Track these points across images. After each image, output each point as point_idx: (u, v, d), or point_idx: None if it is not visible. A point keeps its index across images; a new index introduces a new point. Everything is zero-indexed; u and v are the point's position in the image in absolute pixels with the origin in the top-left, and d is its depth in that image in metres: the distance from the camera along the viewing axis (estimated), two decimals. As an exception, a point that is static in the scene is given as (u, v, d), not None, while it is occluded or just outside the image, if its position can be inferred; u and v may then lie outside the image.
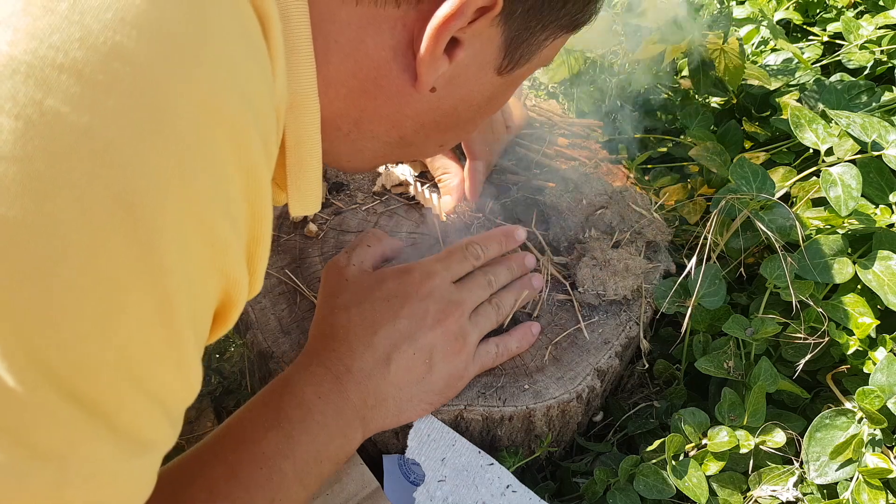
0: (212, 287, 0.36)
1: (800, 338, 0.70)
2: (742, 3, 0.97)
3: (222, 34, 0.33)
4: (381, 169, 0.85)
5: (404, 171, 0.85)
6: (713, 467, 0.65)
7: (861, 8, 1.05)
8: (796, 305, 0.69)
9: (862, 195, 0.73)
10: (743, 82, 0.89)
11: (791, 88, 0.93)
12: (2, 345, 0.29)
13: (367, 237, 0.68)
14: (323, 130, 0.45)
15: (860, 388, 0.65)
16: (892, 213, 0.74)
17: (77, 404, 0.31)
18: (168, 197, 0.31)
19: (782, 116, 0.89)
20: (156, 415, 0.35)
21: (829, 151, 0.77)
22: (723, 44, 0.87)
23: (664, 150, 0.94)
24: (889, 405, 0.64)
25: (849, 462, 0.63)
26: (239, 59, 0.34)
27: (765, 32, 0.95)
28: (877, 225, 0.73)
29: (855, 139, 0.76)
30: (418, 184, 0.83)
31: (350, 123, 0.50)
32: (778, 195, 0.77)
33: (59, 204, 0.29)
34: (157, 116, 0.31)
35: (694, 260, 0.69)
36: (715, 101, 0.98)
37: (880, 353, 0.68)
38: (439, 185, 0.81)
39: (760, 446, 0.67)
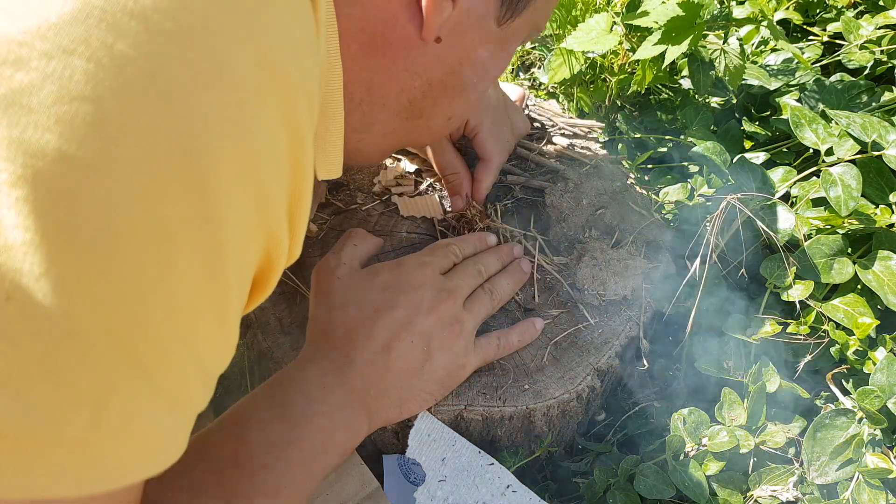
0: (256, 244, 0.36)
1: (800, 338, 0.70)
2: (742, 3, 0.97)
3: None
4: (380, 166, 0.85)
5: (406, 167, 0.85)
6: (713, 467, 0.65)
7: (861, 8, 1.05)
8: (796, 305, 0.69)
9: (862, 195, 0.73)
10: (743, 82, 0.89)
11: (791, 88, 0.93)
12: (61, 281, 0.28)
13: (352, 236, 0.68)
14: None
15: (860, 388, 0.65)
16: (893, 213, 0.74)
17: (122, 350, 0.31)
18: (224, 148, 0.32)
19: (782, 116, 0.89)
20: (193, 372, 0.34)
21: (830, 151, 0.77)
22: (723, 44, 0.87)
23: (664, 150, 0.94)
24: (889, 405, 0.64)
25: (849, 462, 0.63)
26: (290, 20, 0.35)
27: (765, 32, 0.95)
28: (877, 225, 0.73)
29: (855, 139, 0.76)
30: (411, 185, 0.83)
31: (363, 90, 0.51)
32: (778, 195, 0.77)
33: (125, 147, 0.29)
34: (218, 68, 0.32)
35: (697, 261, 0.69)
36: (715, 101, 0.98)
37: (880, 354, 0.68)
38: (445, 185, 0.81)
39: (760, 446, 0.67)
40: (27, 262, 0.28)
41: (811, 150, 0.82)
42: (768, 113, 0.95)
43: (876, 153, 0.74)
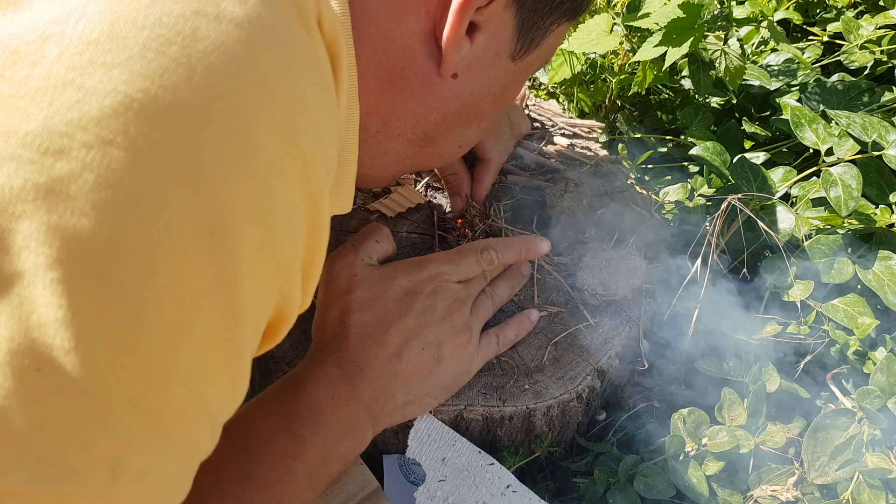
0: (271, 304, 0.38)
1: (800, 338, 0.70)
2: (742, 3, 0.97)
3: (303, 76, 0.37)
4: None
5: None
6: (713, 467, 0.65)
7: (861, 8, 1.05)
8: (797, 305, 0.69)
9: (862, 195, 0.73)
10: (743, 82, 0.89)
11: (791, 89, 0.93)
12: (88, 355, 0.30)
13: (375, 232, 0.67)
14: None
15: (860, 388, 0.65)
16: (893, 213, 0.74)
17: (141, 414, 0.32)
18: (246, 224, 0.34)
19: (782, 116, 0.89)
20: (205, 425, 0.36)
21: (830, 151, 0.77)
22: (723, 44, 0.87)
23: (664, 150, 0.94)
24: (889, 405, 0.64)
25: (849, 462, 0.63)
26: (313, 99, 0.38)
27: (765, 33, 0.95)
28: (877, 225, 0.73)
29: (855, 139, 0.76)
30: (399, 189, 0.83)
31: (378, 123, 0.53)
32: (778, 195, 0.77)
33: (155, 227, 0.31)
34: (245, 153, 0.34)
35: (699, 261, 0.69)
36: (715, 101, 0.98)
37: (880, 354, 0.68)
38: (445, 185, 0.81)
39: (760, 446, 0.67)
40: (58, 338, 0.30)
41: (811, 151, 0.82)
42: (768, 113, 0.95)
43: (876, 153, 0.74)
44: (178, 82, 0.32)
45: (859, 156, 0.75)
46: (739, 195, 0.71)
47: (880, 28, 0.94)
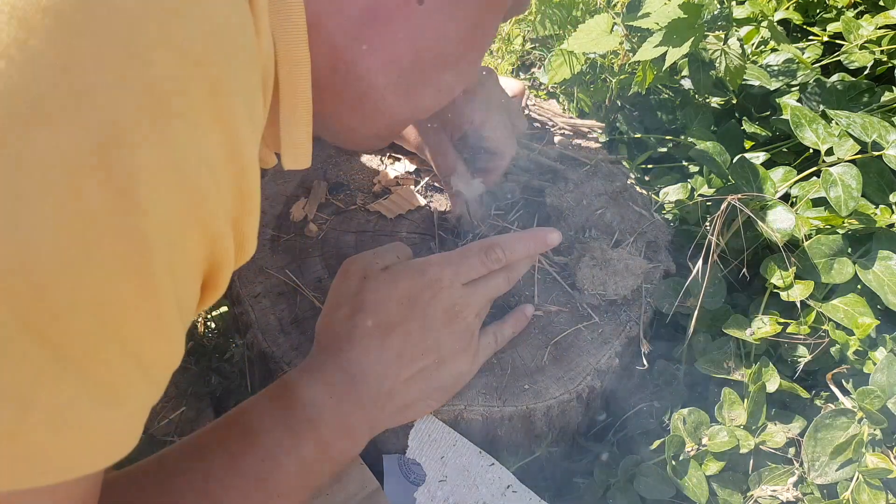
0: (192, 241, 0.35)
1: (800, 338, 0.70)
2: (742, 3, 0.97)
3: None
4: (379, 166, 0.85)
5: (406, 167, 0.85)
6: (713, 467, 0.65)
7: (861, 8, 1.05)
8: (797, 305, 0.69)
9: (862, 195, 0.73)
10: (743, 82, 0.89)
11: (791, 88, 0.93)
12: None
13: (397, 248, 0.67)
14: (323, 78, 0.45)
15: (860, 388, 0.65)
16: (893, 213, 0.74)
17: (45, 344, 0.31)
18: (143, 142, 0.31)
19: (783, 116, 0.89)
20: (129, 367, 0.34)
21: (830, 151, 0.77)
22: (723, 44, 0.87)
23: (664, 150, 0.94)
24: (889, 405, 0.64)
25: (849, 462, 0.63)
26: (221, 17, 0.35)
27: (765, 33, 0.95)
28: (877, 225, 0.73)
29: (855, 139, 0.76)
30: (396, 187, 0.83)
31: (349, 63, 0.49)
32: (778, 195, 0.77)
33: (37, 143, 0.29)
34: (134, 62, 0.31)
35: (700, 262, 0.69)
36: (715, 101, 0.98)
37: (880, 353, 0.68)
38: (444, 185, 0.80)
39: (760, 446, 0.67)
40: None
41: (811, 150, 0.82)
42: (768, 113, 0.95)
43: (876, 153, 0.74)
44: None
45: (859, 156, 0.75)
46: (739, 195, 0.71)
47: (880, 28, 0.94)
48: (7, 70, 0.29)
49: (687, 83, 0.97)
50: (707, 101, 0.97)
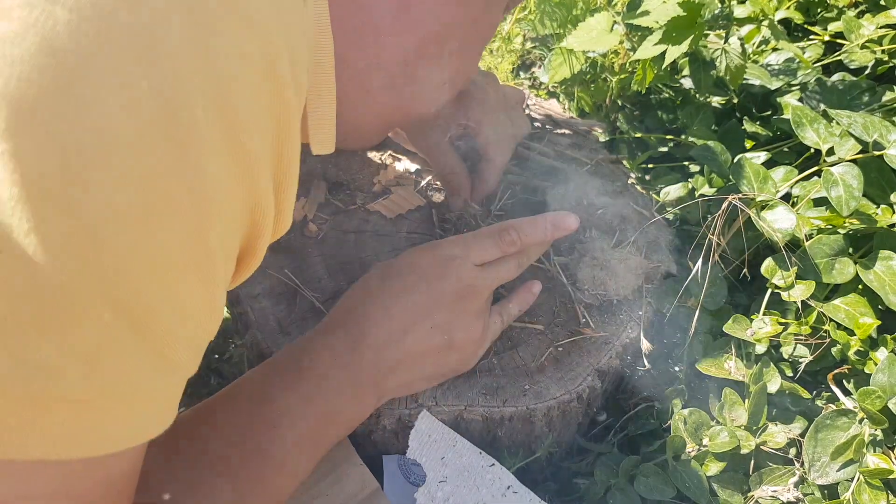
0: (240, 206, 0.35)
1: (801, 338, 0.70)
2: (743, 2, 0.96)
3: None
4: (379, 161, 0.85)
5: (406, 166, 0.85)
6: (714, 468, 0.65)
7: (862, 7, 1.05)
8: (798, 306, 0.69)
9: (863, 195, 0.72)
10: (744, 82, 0.89)
11: (792, 88, 0.93)
12: (46, 231, 0.28)
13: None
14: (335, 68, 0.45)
15: (861, 389, 0.64)
16: (894, 212, 0.74)
17: (115, 306, 0.31)
18: (206, 105, 0.31)
19: (783, 116, 0.89)
20: (183, 333, 0.34)
21: (831, 151, 0.77)
22: (724, 43, 0.86)
23: (664, 150, 0.94)
24: (890, 405, 0.64)
25: (850, 462, 0.63)
26: None
27: (766, 32, 0.95)
28: (878, 225, 0.73)
29: (856, 139, 0.76)
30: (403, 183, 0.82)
31: (356, 51, 0.49)
32: (779, 195, 0.77)
33: (106, 101, 0.29)
34: (199, 19, 0.31)
35: (700, 261, 0.69)
36: (716, 101, 0.98)
37: (881, 354, 0.68)
38: (444, 185, 0.80)
39: (761, 447, 0.66)
40: (16, 217, 0.28)
41: (812, 150, 0.82)
42: (769, 112, 0.95)
43: (877, 153, 0.74)
44: None
45: (860, 155, 0.75)
46: (740, 195, 0.71)
47: (881, 27, 0.94)
48: (79, 25, 0.28)
49: (687, 82, 0.97)
50: (708, 100, 0.97)
